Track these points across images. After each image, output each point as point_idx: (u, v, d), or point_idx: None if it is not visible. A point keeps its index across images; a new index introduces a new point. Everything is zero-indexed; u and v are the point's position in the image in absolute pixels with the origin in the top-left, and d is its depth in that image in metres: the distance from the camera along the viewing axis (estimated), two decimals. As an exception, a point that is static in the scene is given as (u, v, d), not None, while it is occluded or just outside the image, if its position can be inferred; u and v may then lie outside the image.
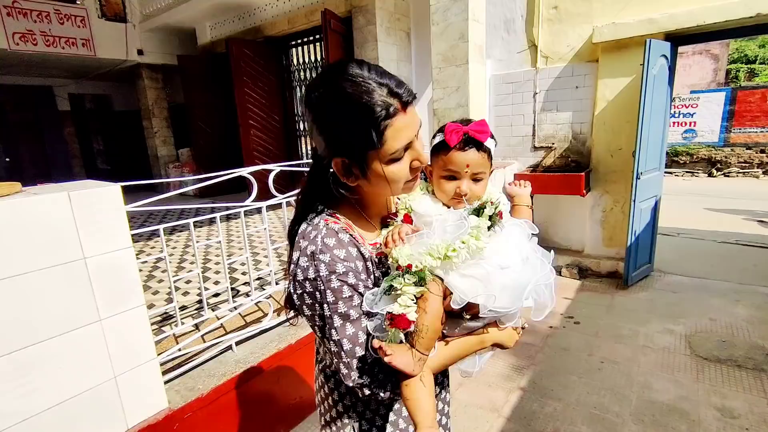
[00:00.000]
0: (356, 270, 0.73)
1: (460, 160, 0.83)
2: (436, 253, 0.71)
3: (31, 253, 1.27)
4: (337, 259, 0.71)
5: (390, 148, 0.69)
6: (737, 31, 3.39)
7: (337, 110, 0.68)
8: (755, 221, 5.85)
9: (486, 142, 0.85)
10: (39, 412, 1.31)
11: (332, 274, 0.71)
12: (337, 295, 0.71)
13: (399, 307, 0.68)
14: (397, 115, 0.68)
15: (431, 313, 0.71)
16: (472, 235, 0.72)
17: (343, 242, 0.74)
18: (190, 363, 1.96)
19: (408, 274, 0.70)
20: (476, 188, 0.85)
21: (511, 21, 4.17)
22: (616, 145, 3.81)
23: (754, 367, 2.47)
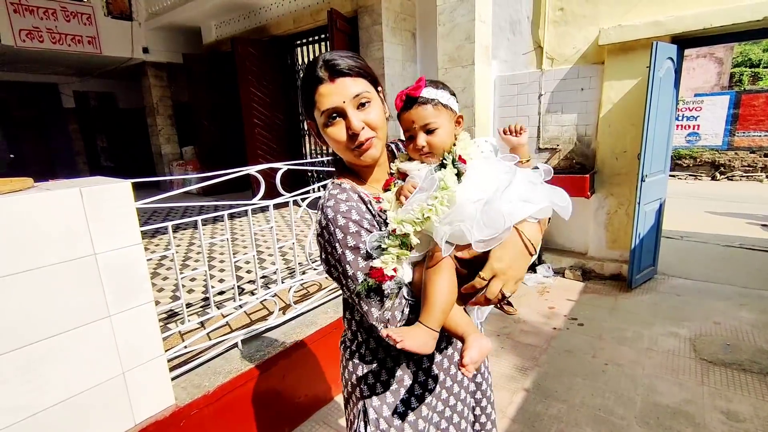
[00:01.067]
0: (359, 209, 0.85)
1: (407, 119, 0.90)
2: (416, 218, 0.79)
3: (43, 249, 1.27)
4: (340, 201, 0.85)
5: (319, 109, 0.83)
6: (744, 35, 3.39)
7: (300, 84, 0.89)
8: (759, 225, 5.83)
9: (424, 94, 0.88)
10: (48, 407, 1.31)
11: (337, 214, 0.83)
12: (345, 230, 0.82)
13: (379, 263, 0.79)
14: (324, 82, 0.82)
15: (436, 285, 0.77)
16: (441, 187, 0.79)
17: (344, 189, 0.88)
18: (196, 360, 1.96)
19: (392, 236, 0.80)
20: (434, 139, 0.89)
21: (517, 22, 4.17)
22: (621, 148, 3.81)
23: (759, 371, 2.47)
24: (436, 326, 0.76)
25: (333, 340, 2.34)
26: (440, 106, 0.89)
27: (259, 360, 2.02)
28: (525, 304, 3.53)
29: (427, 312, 0.77)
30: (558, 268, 4.20)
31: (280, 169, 2.24)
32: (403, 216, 0.80)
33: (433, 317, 0.76)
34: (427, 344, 0.74)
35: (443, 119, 0.90)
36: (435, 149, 0.89)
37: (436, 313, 0.76)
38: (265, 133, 6.03)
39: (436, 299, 0.77)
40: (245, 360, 2.01)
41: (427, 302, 0.77)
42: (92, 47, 6.50)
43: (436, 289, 0.77)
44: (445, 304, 0.77)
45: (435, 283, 0.77)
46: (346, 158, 0.91)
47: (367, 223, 0.84)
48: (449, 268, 0.79)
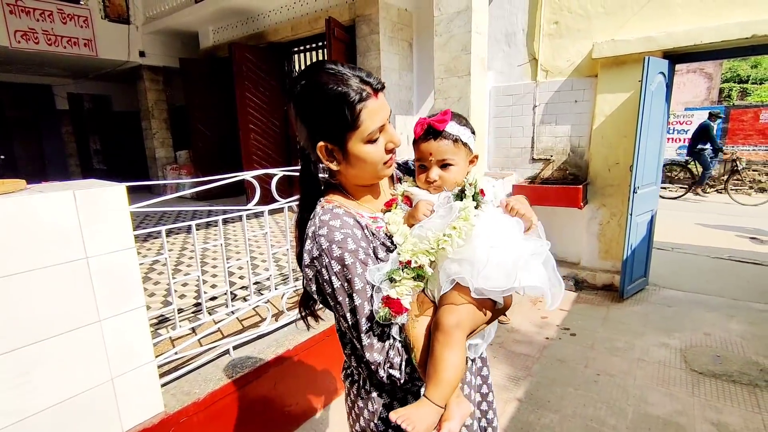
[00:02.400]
0: (354, 236, 0.79)
1: (424, 150, 0.89)
2: (431, 248, 0.76)
3: (34, 251, 1.26)
4: (334, 229, 0.78)
5: (366, 128, 0.77)
6: (733, 52, 3.47)
7: (317, 98, 0.77)
8: (748, 238, 5.91)
9: (449, 129, 0.87)
10: (36, 413, 1.29)
11: (332, 244, 0.77)
12: (341, 262, 0.76)
13: (395, 293, 0.74)
14: (370, 98, 0.77)
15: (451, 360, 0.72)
16: (461, 218, 0.77)
17: (337, 215, 0.81)
18: (186, 367, 1.94)
19: (407, 269, 0.76)
20: (447, 175, 0.88)
21: (512, 34, 4.23)
22: (614, 159, 3.86)
23: (748, 382, 2.49)
24: (444, 403, 0.72)
25: (325, 349, 2.32)
26: (460, 143, 0.89)
27: (251, 367, 2.00)
28: (518, 313, 3.54)
29: (437, 387, 0.71)
30: (551, 278, 4.21)
31: (276, 175, 2.24)
32: (417, 247, 0.77)
33: (443, 394, 0.71)
34: (435, 423, 0.70)
35: (460, 157, 0.89)
36: (446, 185, 0.88)
37: (446, 390, 0.72)
38: (261, 139, 6.02)
39: (450, 376, 0.72)
40: (236, 367, 1.99)
41: (439, 377, 0.71)
42: (88, 50, 6.48)
43: (450, 364, 0.72)
44: (457, 380, 0.73)
45: (450, 358, 0.72)
46: (366, 177, 0.86)
47: (362, 253, 0.78)
48: (463, 341, 0.75)
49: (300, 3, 5.33)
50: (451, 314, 0.74)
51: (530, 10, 4.09)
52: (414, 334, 0.77)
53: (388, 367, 0.77)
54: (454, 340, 0.73)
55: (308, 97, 0.78)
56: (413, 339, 0.76)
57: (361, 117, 0.76)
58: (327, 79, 0.76)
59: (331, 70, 0.77)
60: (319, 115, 0.78)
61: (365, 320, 0.76)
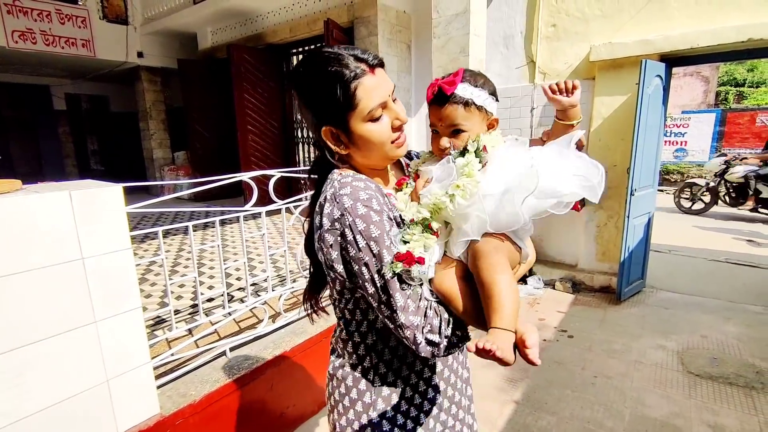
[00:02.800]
0: (378, 199, 0.76)
1: (434, 116, 0.84)
2: (431, 203, 0.75)
3: (30, 252, 1.25)
4: (358, 189, 0.75)
5: (365, 106, 0.74)
6: (729, 55, 3.49)
7: (315, 80, 0.76)
8: (744, 240, 5.94)
9: (459, 92, 0.80)
10: (30, 414, 1.28)
11: (357, 202, 0.73)
12: (367, 221, 0.72)
13: (403, 247, 0.72)
14: (365, 75, 0.74)
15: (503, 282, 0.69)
16: (464, 174, 0.74)
17: (360, 178, 0.79)
18: (182, 368, 1.93)
19: (412, 225, 0.75)
20: (458, 143, 0.82)
21: (510, 37, 4.25)
22: (611, 162, 3.87)
23: (745, 384, 2.50)
24: (513, 328, 0.66)
25: (322, 350, 2.32)
26: (473, 107, 0.81)
27: (248, 369, 1.99)
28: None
29: (500, 313, 0.67)
30: (548, 280, 4.22)
31: (274, 176, 2.24)
32: (420, 205, 0.77)
33: (510, 318, 0.67)
34: (509, 352, 0.64)
35: (474, 122, 0.82)
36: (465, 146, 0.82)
37: (511, 312, 0.67)
38: (259, 140, 6.02)
39: (509, 298, 0.68)
40: (233, 369, 1.98)
41: (498, 301, 0.68)
42: (86, 50, 6.47)
43: (504, 285, 0.68)
44: (517, 301, 0.69)
45: (502, 279, 0.69)
46: (376, 159, 0.82)
47: (386, 214, 0.75)
48: (506, 263, 0.72)
49: (299, 5, 5.34)
50: (485, 243, 0.73)
51: (528, 13, 4.10)
52: (445, 288, 0.74)
53: (428, 330, 0.72)
54: (498, 261, 0.71)
55: (307, 82, 0.77)
56: (442, 291, 0.74)
57: (358, 95, 0.74)
58: (323, 61, 0.75)
59: (327, 53, 0.76)
60: (318, 99, 0.77)
61: (397, 280, 0.71)
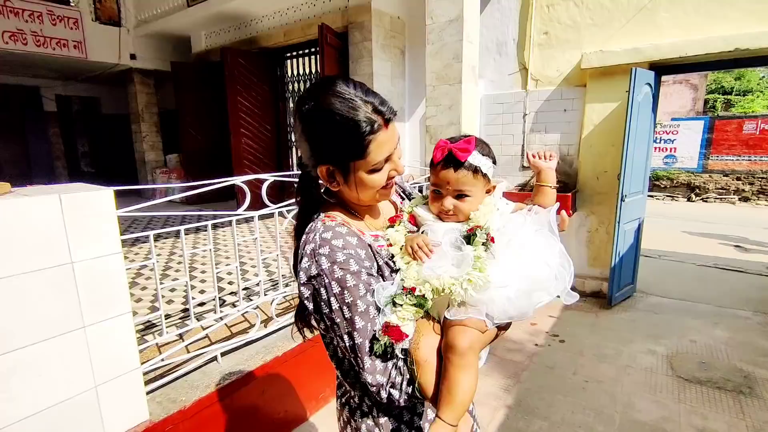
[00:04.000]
0: (357, 257, 0.76)
1: (442, 178, 0.86)
2: (440, 288, 0.76)
3: (18, 256, 1.23)
4: (336, 249, 0.75)
5: (373, 159, 0.76)
6: (717, 64, 3.56)
7: (325, 123, 0.74)
8: (732, 246, 6.03)
9: (471, 160, 0.84)
10: (16, 421, 1.26)
11: (334, 265, 0.74)
12: (342, 284, 0.74)
13: (396, 319, 0.73)
14: (381, 130, 0.75)
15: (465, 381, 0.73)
16: (476, 268, 0.75)
17: (340, 234, 0.78)
18: (173, 374, 1.91)
19: (410, 295, 0.75)
20: (462, 205, 0.85)
21: (503, 44, 4.29)
22: (602, 168, 3.91)
23: (733, 388, 2.53)
24: (457, 422, 0.72)
25: (314, 356, 2.31)
26: (480, 174, 0.85)
27: (239, 374, 1.98)
28: (508, 320, 3.55)
29: (451, 408, 0.71)
30: (540, 285, 4.24)
31: (267, 180, 2.23)
32: (427, 278, 0.76)
33: (457, 414, 0.72)
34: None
35: (477, 188, 0.86)
36: (460, 215, 0.86)
37: (461, 411, 0.72)
38: (252, 144, 6.00)
39: (465, 397, 0.72)
40: (224, 374, 1.96)
41: (454, 398, 0.72)
42: (78, 52, 6.42)
43: (465, 386, 0.72)
44: (470, 401, 0.74)
45: (465, 380, 0.72)
46: (365, 199, 0.83)
47: (365, 274, 0.76)
48: (476, 362, 0.76)
49: (293, 9, 5.35)
50: (464, 336, 0.74)
51: (521, 21, 4.15)
52: (418, 355, 0.76)
53: (390, 386, 0.75)
54: (468, 361, 0.73)
55: (316, 120, 0.75)
56: (418, 359, 0.75)
57: (370, 148, 0.74)
58: (338, 105, 0.73)
59: (343, 95, 0.73)
60: (325, 140, 0.76)
61: (368, 342, 0.74)
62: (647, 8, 3.55)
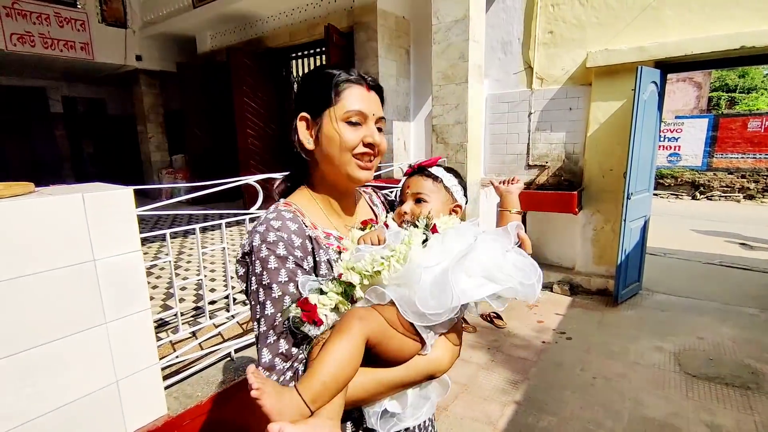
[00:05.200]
0: (289, 242, 0.73)
1: (404, 184, 0.94)
2: (366, 269, 0.70)
3: (42, 254, 1.26)
4: (271, 229, 0.73)
5: (344, 105, 0.79)
6: (722, 62, 3.58)
7: (309, 80, 0.84)
8: (737, 243, 6.03)
9: (432, 169, 0.92)
10: (40, 415, 1.29)
11: (263, 243, 0.72)
12: (264, 265, 0.71)
13: (313, 298, 0.69)
14: (360, 84, 0.81)
15: (335, 352, 0.62)
16: (404, 242, 0.73)
17: (283, 217, 0.76)
18: (188, 370, 1.94)
19: (336, 281, 0.72)
20: (417, 210, 0.88)
21: (508, 43, 4.31)
22: (608, 166, 3.93)
23: (741, 385, 2.54)
24: (309, 401, 0.59)
25: (326, 351, 2.33)
26: (441, 185, 0.91)
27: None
28: (514, 317, 3.57)
29: (309, 378, 0.61)
30: (546, 283, 4.26)
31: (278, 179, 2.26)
32: (354, 264, 0.72)
33: (313, 390, 0.60)
34: (284, 414, 0.56)
35: (437, 198, 0.89)
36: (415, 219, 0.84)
37: (317, 387, 0.60)
38: (258, 143, 6.04)
39: (327, 370, 0.61)
40: (238, 370, 2.00)
41: (315, 368, 0.61)
42: (85, 53, 6.46)
43: (332, 355, 0.62)
44: (333, 381, 0.61)
45: (334, 348, 0.63)
46: (336, 167, 0.81)
47: (292, 262, 0.72)
48: (357, 336, 0.65)
49: (298, 10, 5.38)
50: (358, 310, 0.69)
51: (525, 20, 4.17)
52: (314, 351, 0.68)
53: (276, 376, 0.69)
54: (347, 328, 0.65)
55: (303, 81, 0.86)
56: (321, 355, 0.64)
57: (343, 94, 0.79)
58: (327, 67, 0.83)
59: (331, 66, 0.83)
60: (306, 92, 0.83)
61: (272, 332, 0.69)
62: (652, 6, 3.56)
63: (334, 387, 0.62)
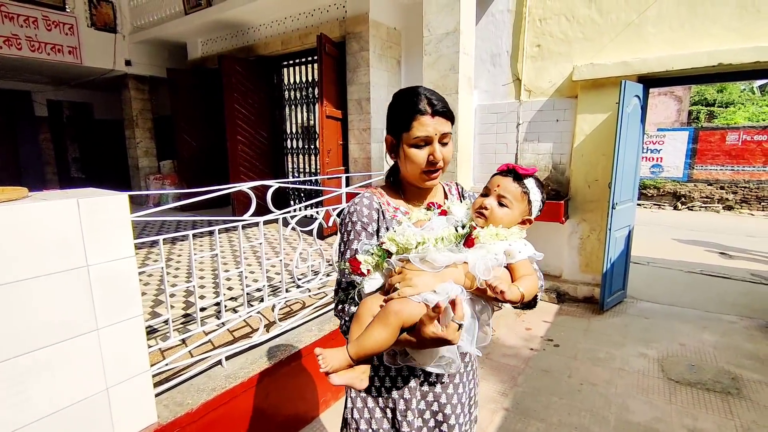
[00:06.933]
0: (360, 212, 1.03)
1: (494, 181, 1.00)
2: (402, 242, 0.90)
3: (35, 259, 1.26)
4: (354, 204, 1.06)
5: (413, 133, 0.98)
6: (702, 78, 3.72)
7: (394, 105, 1.04)
8: (717, 253, 6.20)
9: (527, 181, 0.97)
10: (29, 423, 1.27)
11: (347, 213, 1.06)
12: (346, 227, 1.05)
13: (361, 257, 0.92)
14: (425, 115, 0.97)
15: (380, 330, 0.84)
16: (436, 239, 0.89)
17: (363, 197, 1.06)
18: (178, 377, 1.93)
19: (378, 247, 0.92)
20: (498, 212, 0.94)
21: (497, 55, 4.41)
22: (593, 177, 4.03)
23: (721, 390, 2.61)
24: (355, 357, 0.85)
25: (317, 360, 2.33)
26: (527, 198, 0.96)
27: (243, 377, 2.00)
28: (503, 325, 3.61)
29: (356, 343, 0.85)
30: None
31: (271, 187, 2.28)
32: (395, 236, 0.92)
33: (357, 351, 0.84)
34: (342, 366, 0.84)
35: (518, 208, 0.95)
36: (491, 220, 0.93)
37: (360, 350, 0.84)
38: (249, 151, 6.03)
39: (369, 343, 0.84)
40: (229, 377, 1.99)
41: (362, 337, 0.85)
42: (73, 57, 6.40)
43: (373, 334, 0.83)
44: (372, 349, 0.84)
45: (375, 330, 0.83)
46: (411, 177, 1.04)
47: (361, 226, 1.02)
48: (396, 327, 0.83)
49: (291, 18, 5.43)
50: (394, 303, 0.85)
51: (514, 33, 4.28)
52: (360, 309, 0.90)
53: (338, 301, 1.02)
54: (386, 320, 0.83)
55: (391, 103, 1.05)
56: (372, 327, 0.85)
57: (413, 124, 0.98)
58: (405, 93, 1.02)
59: (416, 89, 1.01)
60: (391, 115, 1.05)
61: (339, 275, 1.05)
62: (635, 23, 3.70)
63: (372, 353, 0.86)
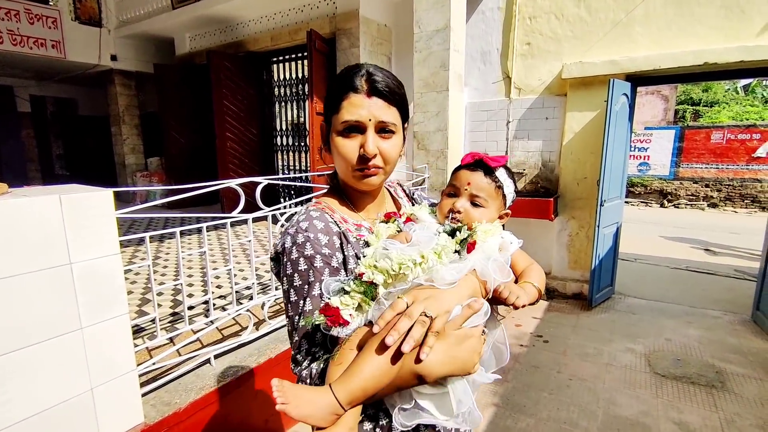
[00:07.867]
0: (316, 241, 0.75)
1: (463, 177, 0.86)
2: (392, 269, 0.69)
3: (17, 256, 1.22)
4: (300, 230, 0.76)
5: (341, 116, 0.77)
6: (687, 77, 3.77)
7: (331, 83, 0.81)
8: (702, 249, 6.32)
9: (498, 174, 0.85)
10: (11, 424, 1.24)
11: (293, 246, 0.75)
12: (294, 266, 0.75)
13: (337, 302, 0.68)
14: (359, 93, 0.76)
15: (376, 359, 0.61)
16: (436, 252, 0.72)
17: (311, 217, 0.79)
18: (165, 377, 1.90)
19: (357, 280, 0.69)
20: (473, 212, 0.83)
21: (487, 53, 4.42)
22: (582, 174, 4.07)
23: (706, 383, 2.66)
24: (346, 402, 0.60)
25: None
26: (501, 193, 0.86)
27: (232, 376, 1.98)
28: (493, 321, 3.63)
29: (346, 379, 0.61)
30: (524, 287, 4.35)
31: (260, 183, 2.25)
32: (378, 262, 0.70)
33: (349, 389, 0.60)
34: (324, 418, 0.59)
35: (493, 205, 0.86)
36: (466, 222, 0.82)
37: (354, 388, 0.60)
38: (238, 147, 5.96)
39: (366, 373, 0.61)
40: (218, 376, 1.96)
41: (353, 369, 0.62)
42: (56, 51, 6.25)
43: (371, 360, 0.61)
44: (369, 386, 0.61)
45: (377, 357, 0.61)
46: (343, 177, 0.83)
47: (321, 261, 0.74)
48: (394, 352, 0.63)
49: (281, 14, 5.37)
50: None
51: (504, 31, 4.29)
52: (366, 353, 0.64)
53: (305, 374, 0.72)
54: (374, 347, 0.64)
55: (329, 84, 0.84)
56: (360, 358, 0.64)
57: (342, 104, 0.76)
58: (348, 68, 0.80)
59: (359, 64, 0.80)
60: (327, 93, 0.82)
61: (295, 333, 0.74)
62: (623, 23, 3.73)
63: (372, 391, 0.62)
